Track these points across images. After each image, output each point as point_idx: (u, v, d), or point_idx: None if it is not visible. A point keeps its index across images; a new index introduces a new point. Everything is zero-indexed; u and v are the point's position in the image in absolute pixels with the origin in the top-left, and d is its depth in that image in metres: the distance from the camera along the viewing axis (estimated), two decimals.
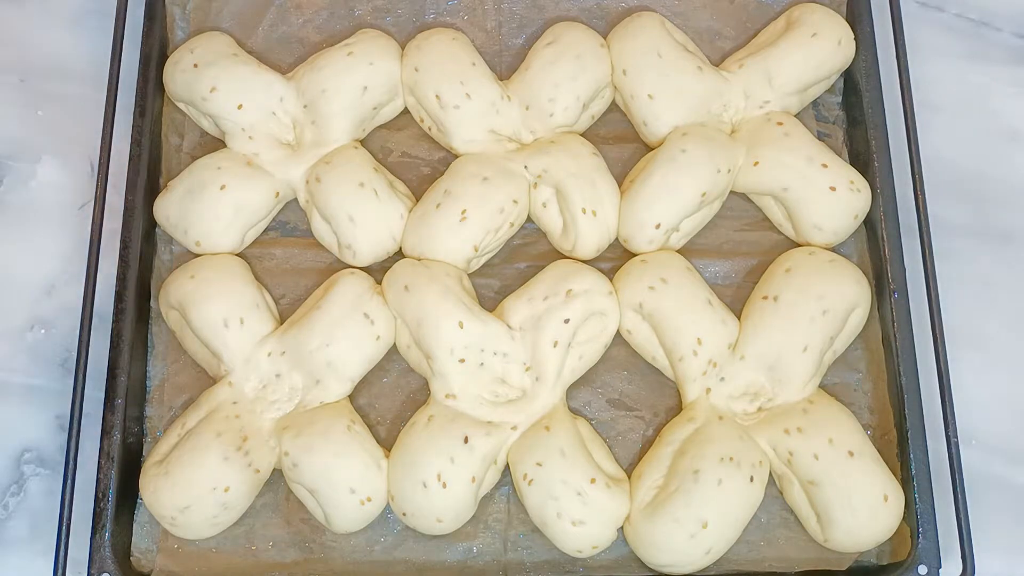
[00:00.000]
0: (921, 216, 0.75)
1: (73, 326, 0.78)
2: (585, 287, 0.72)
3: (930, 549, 0.69)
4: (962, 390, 0.75)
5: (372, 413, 0.75)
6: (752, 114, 0.79)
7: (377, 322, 0.73)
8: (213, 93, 0.77)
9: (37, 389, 0.79)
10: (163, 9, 0.82)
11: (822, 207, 0.75)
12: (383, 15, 0.84)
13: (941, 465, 0.71)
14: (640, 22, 0.80)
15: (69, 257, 0.82)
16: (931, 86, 0.85)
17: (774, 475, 0.72)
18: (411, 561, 0.72)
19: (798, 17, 0.80)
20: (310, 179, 0.77)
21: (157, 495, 0.70)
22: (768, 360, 0.72)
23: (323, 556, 0.72)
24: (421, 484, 0.69)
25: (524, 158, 0.77)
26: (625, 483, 0.71)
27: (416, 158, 0.81)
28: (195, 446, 0.70)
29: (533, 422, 0.71)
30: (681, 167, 0.74)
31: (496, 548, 0.72)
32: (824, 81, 0.80)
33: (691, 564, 0.68)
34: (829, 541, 0.69)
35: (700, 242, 0.78)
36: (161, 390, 0.76)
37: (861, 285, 0.74)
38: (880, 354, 0.74)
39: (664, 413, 0.75)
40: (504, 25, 0.84)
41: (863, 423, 0.72)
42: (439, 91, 0.77)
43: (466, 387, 0.72)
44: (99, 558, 0.70)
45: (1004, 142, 0.85)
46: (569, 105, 0.78)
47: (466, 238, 0.74)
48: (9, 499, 0.76)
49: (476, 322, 0.71)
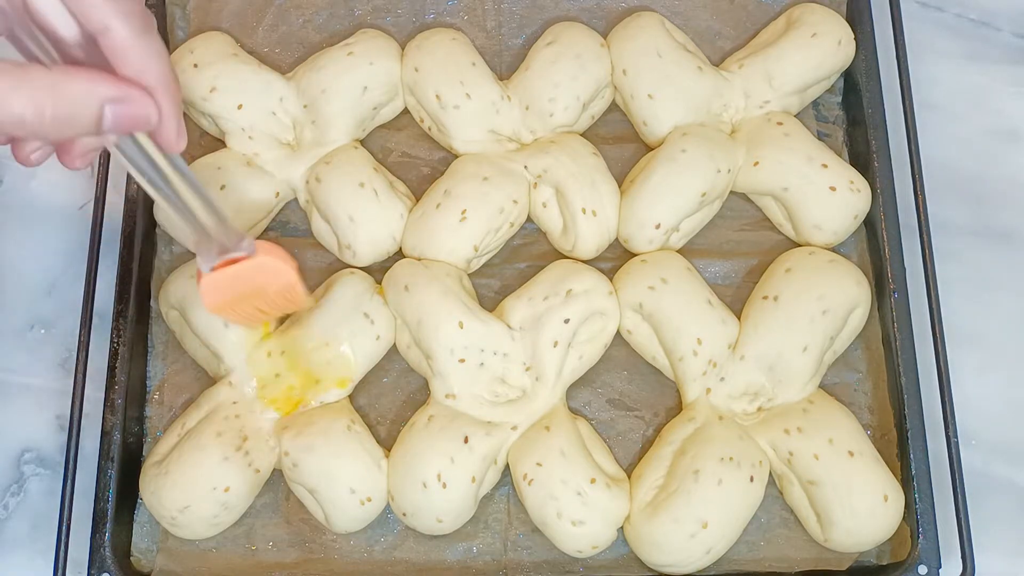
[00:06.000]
0: (921, 216, 0.75)
1: (73, 326, 0.78)
2: (585, 287, 0.72)
3: (930, 549, 0.69)
4: (962, 390, 0.75)
5: (372, 413, 0.75)
6: (752, 114, 0.79)
7: (377, 322, 0.73)
8: (213, 93, 0.77)
9: (37, 389, 0.79)
10: (163, 9, 0.82)
11: (822, 207, 0.75)
12: (383, 15, 0.84)
13: (941, 465, 0.71)
14: (640, 22, 0.80)
15: (69, 257, 0.82)
16: (931, 86, 0.85)
17: (774, 475, 0.72)
18: (411, 561, 0.72)
19: (798, 17, 0.80)
20: (310, 179, 0.77)
21: (157, 495, 0.70)
22: (768, 360, 0.72)
23: (323, 556, 0.72)
24: (421, 484, 0.69)
25: (524, 158, 0.77)
26: (625, 483, 0.71)
27: (416, 158, 0.81)
28: (195, 446, 0.70)
29: (533, 422, 0.71)
30: (681, 167, 0.74)
31: (496, 548, 0.72)
32: (824, 81, 0.80)
33: (691, 564, 0.68)
34: (829, 541, 0.69)
35: (700, 242, 0.78)
36: (161, 390, 0.76)
37: (861, 285, 0.74)
38: (880, 354, 0.74)
39: (664, 413, 0.75)
40: (504, 25, 0.84)
41: (863, 423, 0.72)
42: (439, 91, 0.77)
43: (466, 387, 0.72)
44: (99, 558, 0.70)
45: (1004, 142, 0.85)
46: (569, 105, 0.78)
47: (466, 238, 0.74)
48: (9, 499, 0.76)
49: (476, 322, 0.71)
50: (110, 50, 0.48)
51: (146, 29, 0.49)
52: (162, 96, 0.49)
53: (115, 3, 0.48)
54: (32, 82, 0.46)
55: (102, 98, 0.47)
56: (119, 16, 0.48)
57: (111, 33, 0.48)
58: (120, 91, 0.48)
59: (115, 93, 0.48)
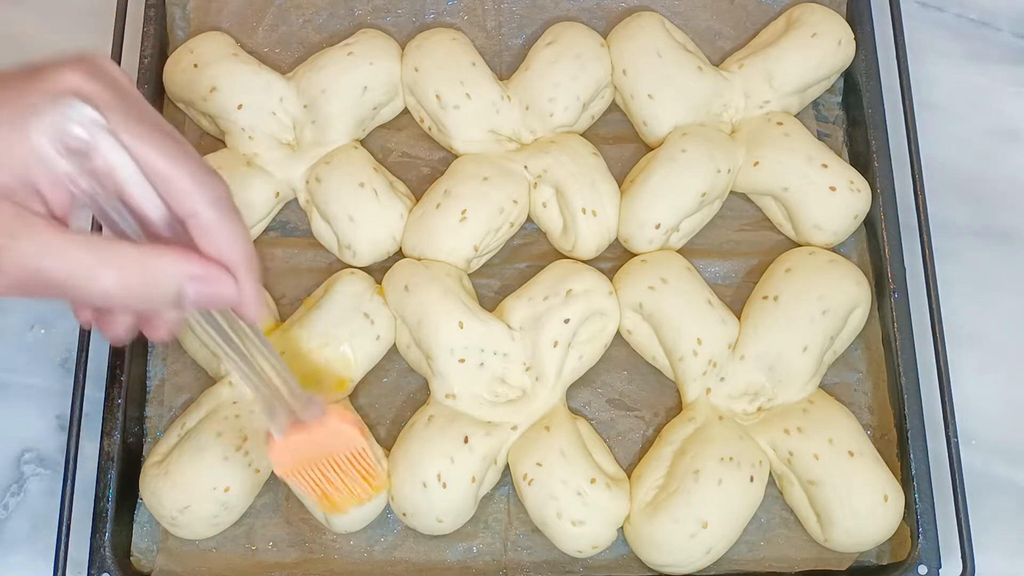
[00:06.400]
0: (921, 216, 0.75)
1: (73, 326, 0.78)
2: (585, 287, 0.72)
3: (930, 549, 0.69)
4: (962, 390, 0.75)
5: (372, 413, 0.75)
6: (752, 114, 0.79)
7: (377, 322, 0.73)
8: (213, 93, 0.77)
9: (37, 389, 0.79)
10: (163, 9, 0.82)
11: (822, 207, 0.75)
12: (383, 15, 0.84)
13: (941, 465, 0.71)
14: (640, 22, 0.80)
15: None
16: (931, 86, 0.85)
17: (774, 475, 0.72)
18: (411, 561, 0.72)
19: (798, 17, 0.80)
20: (310, 179, 0.77)
21: (157, 495, 0.70)
22: (768, 360, 0.72)
23: (323, 556, 0.72)
24: (421, 484, 0.69)
25: (524, 158, 0.77)
26: (625, 483, 0.71)
27: (416, 158, 0.81)
28: (195, 446, 0.70)
29: (533, 422, 0.71)
30: (681, 167, 0.74)
31: (496, 548, 0.72)
32: (824, 81, 0.80)
33: (691, 564, 0.68)
34: (829, 541, 0.69)
35: (700, 242, 0.78)
36: (161, 390, 0.76)
37: (861, 285, 0.74)
38: (880, 354, 0.74)
39: (664, 413, 0.75)
40: (504, 25, 0.84)
41: (863, 423, 0.72)
42: (439, 91, 0.77)
43: (466, 387, 0.72)
44: (99, 558, 0.70)
45: (1004, 142, 0.85)
46: (569, 105, 0.78)
47: (466, 238, 0.74)
48: (9, 499, 0.76)
49: (476, 322, 0.71)
50: (197, 230, 0.51)
51: (230, 213, 0.52)
52: (244, 275, 0.52)
53: (202, 189, 0.50)
54: (120, 258, 0.48)
55: (186, 276, 0.49)
56: (206, 202, 0.50)
57: (199, 218, 0.50)
58: (203, 270, 0.50)
59: (198, 272, 0.50)
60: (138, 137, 0.48)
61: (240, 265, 0.52)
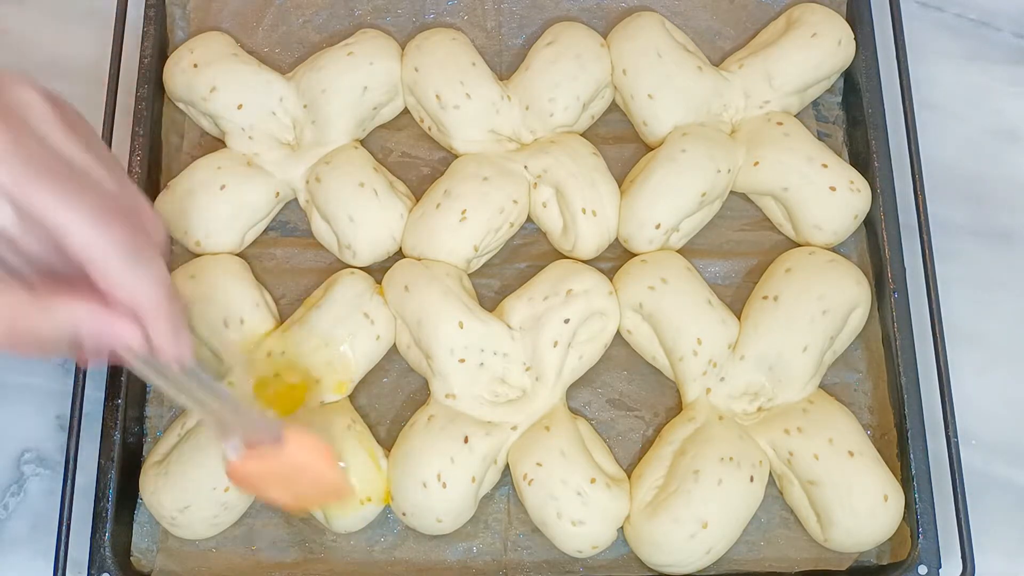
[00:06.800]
0: (921, 216, 0.75)
1: None
2: (585, 287, 0.72)
3: (930, 549, 0.69)
4: (962, 390, 0.75)
5: (372, 413, 0.75)
6: (752, 114, 0.79)
7: (377, 322, 0.73)
8: (213, 93, 0.77)
9: (37, 389, 0.79)
10: (163, 9, 0.82)
11: (822, 207, 0.75)
12: (383, 15, 0.84)
13: (941, 465, 0.71)
14: (640, 22, 0.80)
15: None
16: (931, 86, 0.85)
17: (774, 475, 0.72)
18: (411, 561, 0.72)
19: (798, 17, 0.80)
20: (310, 179, 0.77)
21: (157, 495, 0.70)
22: (768, 360, 0.72)
23: (323, 556, 0.72)
24: (421, 484, 0.69)
25: (524, 158, 0.77)
26: (625, 483, 0.71)
27: (416, 158, 0.81)
28: (195, 446, 0.70)
29: (533, 422, 0.71)
30: (681, 167, 0.74)
31: (496, 548, 0.72)
32: (824, 81, 0.80)
33: (691, 564, 0.68)
34: (829, 541, 0.69)
35: (700, 242, 0.78)
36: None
37: (861, 285, 0.74)
38: (880, 354, 0.74)
39: (664, 413, 0.75)
40: (504, 25, 0.84)
41: (863, 423, 0.72)
42: (439, 91, 0.77)
43: (466, 387, 0.72)
44: (99, 558, 0.70)
45: (1004, 142, 0.85)
46: (569, 105, 0.78)
47: (466, 238, 0.74)
48: (9, 499, 0.76)
49: (476, 322, 0.71)
50: (95, 275, 0.48)
51: (133, 255, 0.49)
52: (152, 318, 0.50)
53: (101, 233, 0.47)
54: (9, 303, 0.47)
55: (79, 323, 0.48)
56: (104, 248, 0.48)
57: (95, 264, 0.48)
58: (93, 317, 0.48)
59: (87, 318, 0.48)
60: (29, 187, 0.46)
61: (147, 309, 0.50)
